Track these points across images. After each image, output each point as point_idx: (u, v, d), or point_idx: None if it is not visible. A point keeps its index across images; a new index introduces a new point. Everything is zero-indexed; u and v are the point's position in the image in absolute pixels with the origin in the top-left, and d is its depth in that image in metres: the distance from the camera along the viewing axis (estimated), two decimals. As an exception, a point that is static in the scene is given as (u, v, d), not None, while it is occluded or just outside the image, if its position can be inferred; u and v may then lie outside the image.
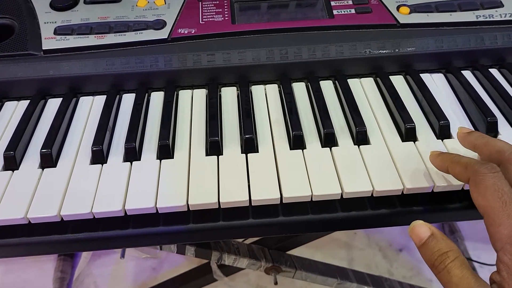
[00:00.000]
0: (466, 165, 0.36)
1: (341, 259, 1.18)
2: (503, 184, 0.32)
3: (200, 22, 0.54)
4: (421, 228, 0.34)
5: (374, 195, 0.41)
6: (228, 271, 0.95)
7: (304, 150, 0.45)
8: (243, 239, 0.82)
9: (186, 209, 0.41)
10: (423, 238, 0.34)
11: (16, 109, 0.51)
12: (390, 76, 0.53)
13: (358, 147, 0.45)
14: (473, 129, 0.42)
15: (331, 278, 0.87)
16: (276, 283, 0.81)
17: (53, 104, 0.52)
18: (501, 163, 0.36)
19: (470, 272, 0.31)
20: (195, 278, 1.02)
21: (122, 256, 0.69)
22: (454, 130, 0.47)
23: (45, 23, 0.55)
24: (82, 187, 0.42)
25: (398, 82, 0.53)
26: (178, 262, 1.15)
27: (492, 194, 0.32)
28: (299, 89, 0.53)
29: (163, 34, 0.53)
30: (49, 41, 0.53)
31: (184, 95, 0.52)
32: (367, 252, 1.20)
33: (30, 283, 1.13)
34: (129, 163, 0.44)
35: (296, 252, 0.95)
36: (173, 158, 0.45)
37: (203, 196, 0.40)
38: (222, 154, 0.45)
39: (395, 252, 1.20)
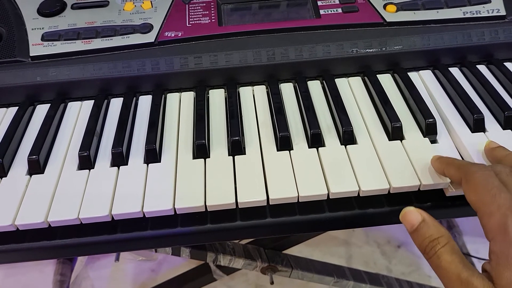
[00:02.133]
0: (459, 166, 0.37)
1: (340, 256, 1.18)
2: (493, 179, 0.33)
3: (187, 25, 0.54)
4: (413, 214, 0.35)
5: (360, 195, 0.41)
6: (228, 270, 0.95)
7: (291, 151, 0.45)
8: (227, 241, 0.82)
9: (173, 213, 0.41)
10: (414, 224, 0.35)
11: (4, 116, 0.51)
12: (377, 75, 0.53)
13: (345, 147, 0.45)
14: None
15: (328, 276, 0.87)
16: (272, 282, 0.81)
17: (41, 110, 0.52)
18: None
19: (459, 258, 0.32)
20: (194, 278, 1.02)
21: (117, 259, 0.69)
22: (441, 128, 0.47)
23: (32, 29, 0.55)
24: (69, 193, 0.42)
25: (386, 80, 0.53)
26: (177, 263, 1.15)
27: (482, 188, 0.33)
28: (287, 90, 0.53)
29: (150, 37, 0.53)
30: (37, 48, 0.53)
31: (172, 98, 0.52)
32: (365, 249, 1.20)
33: (30, 287, 1.13)
34: (116, 168, 0.44)
35: (295, 250, 0.95)
36: (160, 162, 0.45)
37: (189, 200, 0.41)
38: (209, 157, 0.45)
39: (394, 248, 1.20)
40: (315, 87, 0.53)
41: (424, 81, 0.53)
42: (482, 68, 0.54)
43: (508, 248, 0.30)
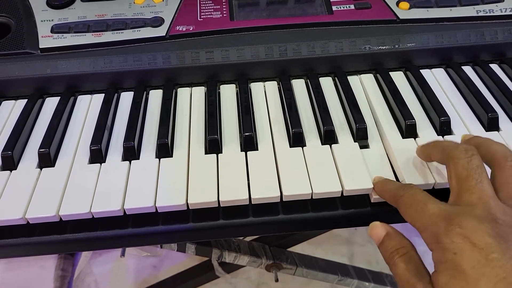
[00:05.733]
0: (390, 192, 0.38)
1: (342, 255, 1.18)
2: (417, 195, 0.35)
3: (198, 19, 0.54)
4: (378, 229, 0.37)
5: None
6: (230, 268, 0.95)
7: (304, 148, 0.44)
8: (239, 237, 0.82)
9: (185, 208, 0.40)
10: (380, 237, 0.37)
11: (13, 108, 0.51)
12: (390, 72, 0.53)
13: (358, 144, 0.45)
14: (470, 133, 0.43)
15: (332, 274, 0.87)
16: (277, 280, 0.81)
17: (51, 103, 0.51)
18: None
19: (414, 266, 0.33)
20: (196, 275, 1.02)
21: (122, 254, 0.69)
22: (455, 126, 0.46)
23: (42, 21, 0.54)
24: (80, 186, 0.42)
25: (398, 78, 0.52)
26: (179, 259, 1.15)
27: (410, 209, 0.34)
28: (299, 86, 0.52)
29: (161, 31, 0.53)
30: (46, 40, 0.53)
31: (182, 93, 0.52)
32: (367, 248, 1.20)
33: (31, 281, 1.12)
34: (128, 162, 0.44)
35: (297, 248, 0.95)
36: (172, 156, 0.44)
37: (202, 195, 0.40)
38: (222, 152, 0.44)
39: (396, 248, 1.19)
40: (327, 84, 0.52)
41: (437, 79, 0.52)
42: (494, 67, 0.53)
43: (442, 254, 0.30)
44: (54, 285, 1.09)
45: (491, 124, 0.46)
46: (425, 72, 0.53)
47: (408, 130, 0.45)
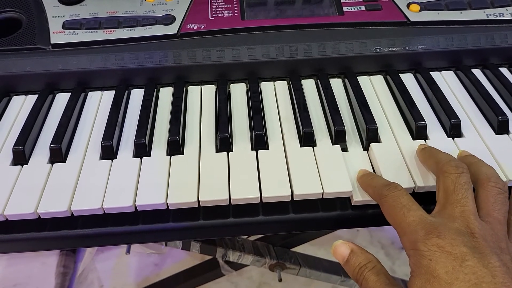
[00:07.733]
0: (374, 189, 0.39)
1: (344, 256, 1.17)
2: (401, 199, 0.35)
3: (210, 17, 0.54)
4: (341, 247, 0.37)
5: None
6: (232, 267, 0.95)
7: (314, 148, 0.45)
8: (247, 235, 0.82)
9: (196, 205, 0.40)
10: (345, 256, 0.37)
11: (24, 103, 0.51)
12: (400, 74, 0.53)
13: (369, 144, 0.45)
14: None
15: (335, 275, 0.87)
16: (280, 280, 0.81)
17: (61, 99, 0.51)
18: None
19: (385, 277, 0.34)
20: (198, 274, 1.02)
21: (128, 251, 0.69)
22: (465, 129, 0.46)
23: (53, 17, 0.54)
24: (92, 182, 0.42)
25: (408, 80, 0.53)
26: (180, 258, 1.15)
27: (393, 210, 0.35)
28: (309, 86, 0.52)
29: (172, 29, 0.53)
30: (58, 35, 0.53)
31: (193, 91, 0.52)
32: (369, 250, 1.18)
33: (32, 278, 1.12)
34: (139, 158, 0.44)
35: (300, 249, 0.95)
36: (183, 154, 0.44)
37: (214, 193, 0.40)
38: (232, 151, 0.45)
39: (398, 250, 1.20)
40: (336, 85, 0.53)
41: (447, 81, 0.53)
42: (504, 70, 0.54)
43: (418, 260, 0.31)
44: (55, 282, 1.09)
45: (501, 127, 0.46)
46: (435, 75, 0.53)
47: (419, 132, 0.45)
